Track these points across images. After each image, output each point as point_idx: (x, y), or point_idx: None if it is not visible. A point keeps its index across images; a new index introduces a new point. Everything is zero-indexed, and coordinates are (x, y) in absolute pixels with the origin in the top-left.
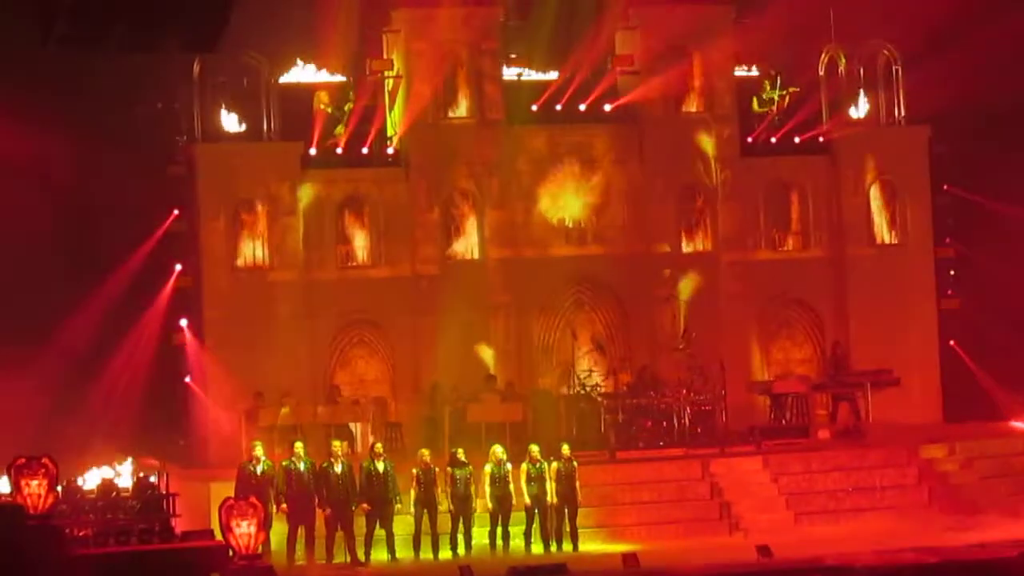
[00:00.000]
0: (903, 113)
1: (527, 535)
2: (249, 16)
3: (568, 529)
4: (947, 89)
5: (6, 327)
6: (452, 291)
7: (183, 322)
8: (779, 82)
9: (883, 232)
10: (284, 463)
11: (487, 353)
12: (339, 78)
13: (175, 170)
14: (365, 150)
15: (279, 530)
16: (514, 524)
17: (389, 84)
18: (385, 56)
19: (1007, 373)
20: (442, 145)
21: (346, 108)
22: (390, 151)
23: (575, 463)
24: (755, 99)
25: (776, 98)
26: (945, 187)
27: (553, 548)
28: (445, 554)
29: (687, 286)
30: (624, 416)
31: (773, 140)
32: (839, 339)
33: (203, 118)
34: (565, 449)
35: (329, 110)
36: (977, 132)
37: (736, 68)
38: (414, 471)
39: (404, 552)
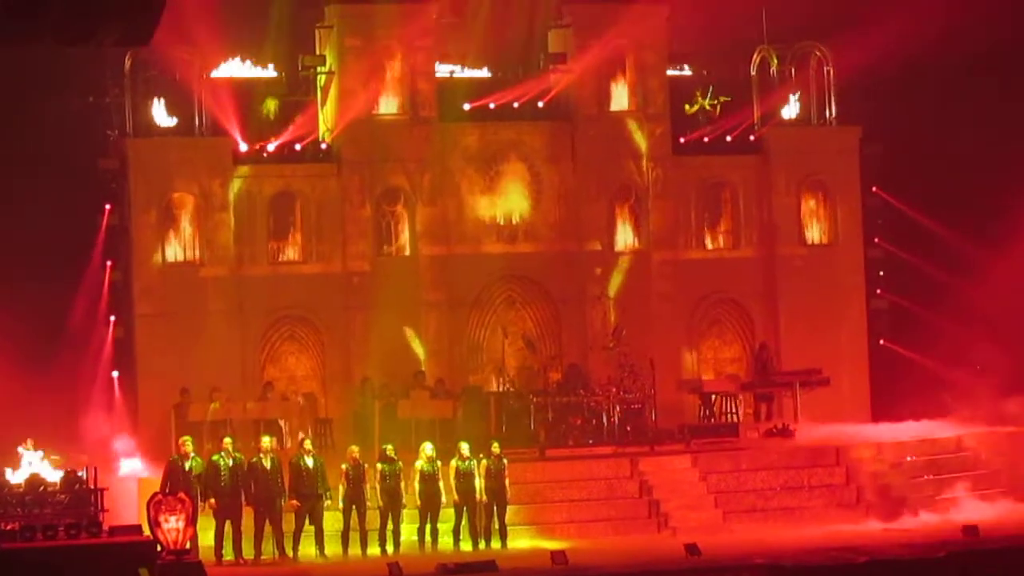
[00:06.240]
0: (834, 114)
1: (456, 532)
2: (182, 10)
3: (497, 526)
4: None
5: None
6: (383, 288)
7: (113, 317)
8: (711, 91)
9: (813, 232)
10: (213, 458)
11: (418, 350)
12: (271, 73)
13: (106, 164)
14: (297, 146)
15: (207, 525)
16: (443, 521)
17: (322, 80)
18: (318, 52)
19: (935, 373)
20: (374, 142)
21: (274, 105)
22: (322, 147)
23: (505, 460)
24: (687, 106)
25: (708, 107)
26: (874, 188)
27: (482, 545)
28: (374, 550)
29: (617, 284)
30: (554, 414)
31: (705, 139)
32: (766, 342)
33: (135, 112)
34: (495, 446)
35: (272, 117)
36: (907, 134)
37: (669, 67)
38: (343, 467)
39: (333, 548)
